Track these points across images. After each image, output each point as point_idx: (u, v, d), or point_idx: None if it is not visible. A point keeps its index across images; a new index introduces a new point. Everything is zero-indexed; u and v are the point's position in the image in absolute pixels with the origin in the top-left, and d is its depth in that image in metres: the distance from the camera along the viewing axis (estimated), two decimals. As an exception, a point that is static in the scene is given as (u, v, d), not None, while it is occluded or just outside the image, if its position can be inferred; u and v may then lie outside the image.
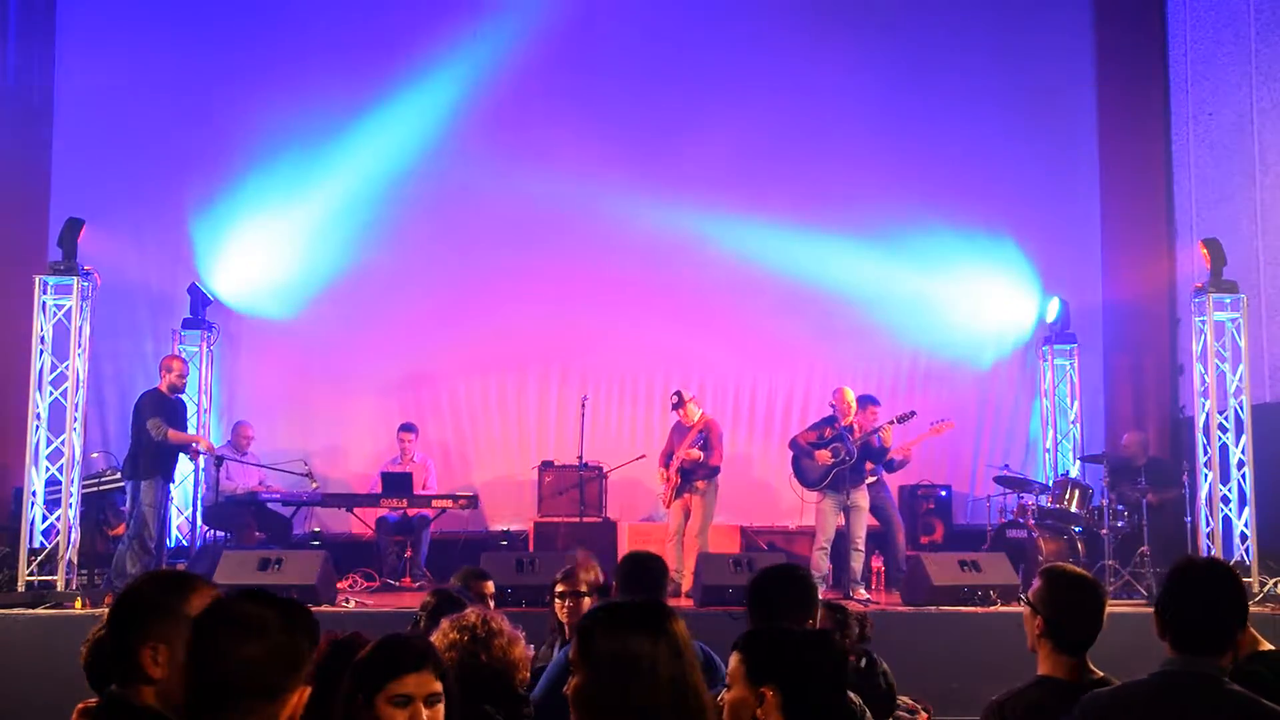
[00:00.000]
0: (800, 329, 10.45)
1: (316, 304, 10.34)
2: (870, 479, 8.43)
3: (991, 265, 10.70)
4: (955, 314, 10.69)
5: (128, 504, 8.31)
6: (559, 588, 4.56)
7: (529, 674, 3.15)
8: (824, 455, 8.24)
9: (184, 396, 8.72)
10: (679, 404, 8.62)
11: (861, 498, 8.28)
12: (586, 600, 4.54)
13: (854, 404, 8.39)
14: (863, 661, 4.22)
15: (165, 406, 8.16)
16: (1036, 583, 2.88)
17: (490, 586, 4.84)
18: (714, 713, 2.19)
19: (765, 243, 10.41)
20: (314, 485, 8.97)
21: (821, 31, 10.62)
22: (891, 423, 8.35)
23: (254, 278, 10.30)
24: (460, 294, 10.36)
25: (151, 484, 7.95)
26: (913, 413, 8.42)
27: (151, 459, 8.00)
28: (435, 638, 2.86)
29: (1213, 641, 2.47)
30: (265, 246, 10.26)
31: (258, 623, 1.83)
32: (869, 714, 3.10)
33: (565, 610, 4.50)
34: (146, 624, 2.06)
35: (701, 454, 8.38)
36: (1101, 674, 2.78)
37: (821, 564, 8.15)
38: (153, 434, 7.96)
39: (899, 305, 10.58)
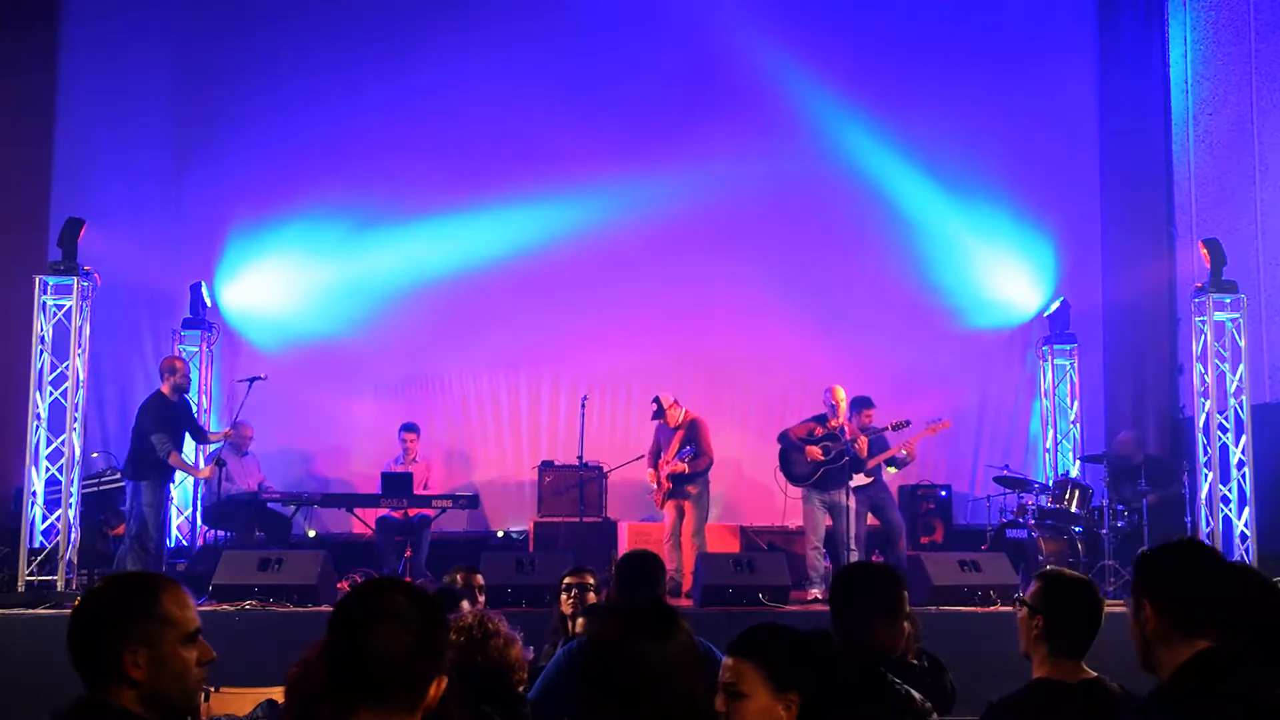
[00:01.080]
0: (800, 327, 10.44)
1: (317, 305, 10.34)
2: (866, 480, 8.36)
3: (990, 262, 10.73)
4: (953, 311, 10.72)
5: (127, 504, 8.30)
6: (566, 580, 4.65)
7: (526, 674, 3.15)
8: (815, 451, 8.19)
9: (187, 397, 8.70)
10: (659, 413, 8.53)
11: (850, 499, 8.18)
12: (592, 595, 4.61)
13: (844, 403, 8.33)
14: (924, 660, 4.17)
15: (169, 415, 8.11)
16: (1034, 586, 2.88)
17: (480, 579, 5.05)
18: (718, 714, 2.18)
19: (764, 242, 10.45)
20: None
21: (816, 41, 10.64)
22: (886, 429, 8.31)
23: (256, 279, 10.30)
24: (460, 294, 10.34)
25: (151, 484, 7.93)
26: (907, 422, 8.30)
27: (151, 460, 7.98)
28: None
29: None
30: (267, 247, 10.26)
31: (409, 615, 1.86)
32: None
33: (571, 603, 4.57)
34: (125, 628, 2.03)
35: (687, 467, 8.29)
36: (1095, 674, 2.78)
37: (819, 563, 8.14)
38: (156, 449, 7.96)
39: (898, 303, 10.60)
